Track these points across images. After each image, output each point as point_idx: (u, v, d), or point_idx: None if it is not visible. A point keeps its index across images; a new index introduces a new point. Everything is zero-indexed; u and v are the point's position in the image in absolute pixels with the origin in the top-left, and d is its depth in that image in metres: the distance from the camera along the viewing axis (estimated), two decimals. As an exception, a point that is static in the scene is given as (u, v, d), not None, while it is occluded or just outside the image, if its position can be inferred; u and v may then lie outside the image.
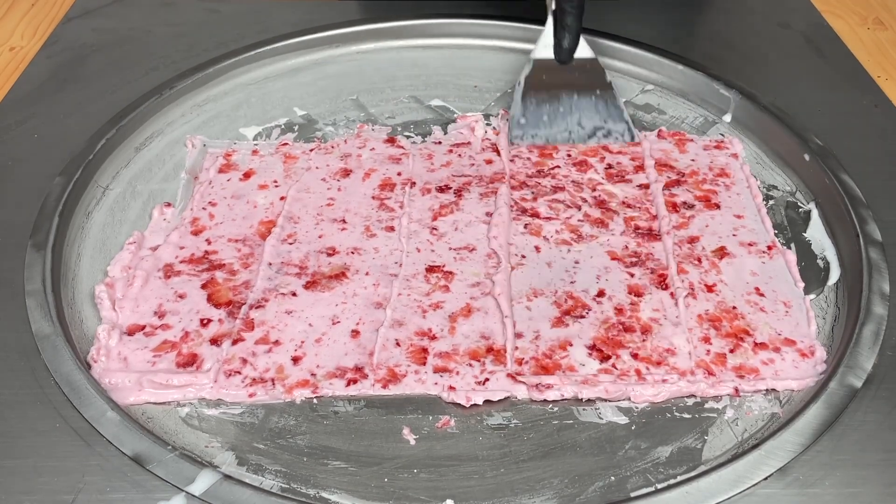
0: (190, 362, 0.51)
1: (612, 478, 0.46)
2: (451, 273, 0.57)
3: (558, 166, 0.66)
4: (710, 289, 0.56)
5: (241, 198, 0.63)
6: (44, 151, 0.65)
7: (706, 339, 0.53)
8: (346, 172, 0.66)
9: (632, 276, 0.57)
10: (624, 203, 0.63)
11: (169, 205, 0.63)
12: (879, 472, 0.45)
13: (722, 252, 0.59)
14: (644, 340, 0.53)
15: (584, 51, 0.66)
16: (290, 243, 0.60)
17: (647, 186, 0.64)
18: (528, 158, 0.67)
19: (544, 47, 0.66)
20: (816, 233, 0.61)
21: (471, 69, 0.77)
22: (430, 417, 0.49)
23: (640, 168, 0.66)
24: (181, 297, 0.55)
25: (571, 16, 0.64)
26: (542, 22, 0.66)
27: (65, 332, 0.51)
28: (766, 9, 0.85)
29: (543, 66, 0.67)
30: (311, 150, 0.68)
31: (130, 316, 0.54)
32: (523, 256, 0.59)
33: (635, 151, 0.67)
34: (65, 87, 0.73)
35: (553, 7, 0.65)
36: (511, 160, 0.66)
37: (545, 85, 0.67)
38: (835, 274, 0.57)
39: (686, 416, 0.49)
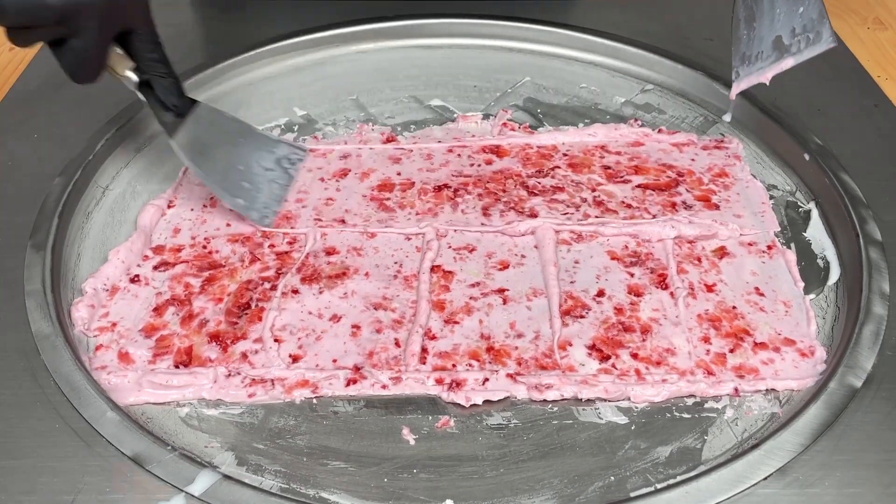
0: (189, 362, 0.51)
1: (612, 478, 0.46)
2: (450, 273, 0.57)
3: (558, 166, 0.66)
4: (709, 289, 0.56)
5: (241, 198, 0.63)
6: (44, 151, 0.65)
7: (706, 339, 0.53)
8: (345, 172, 0.66)
9: (631, 275, 0.57)
10: (623, 203, 0.63)
11: (171, 204, 0.63)
12: (879, 472, 0.45)
13: (722, 252, 0.59)
14: (644, 340, 0.53)
15: None
16: (290, 243, 0.60)
17: (646, 186, 0.64)
18: (529, 158, 0.67)
19: None
20: (816, 232, 0.61)
21: (471, 69, 0.77)
22: (430, 417, 0.49)
23: (639, 168, 0.66)
24: (182, 297, 0.55)
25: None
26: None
27: (65, 332, 0.51)
28: (766, 8, 0.85)
29: None
30: (311, 151, 0.68)
31: (128, 311, 0.54)
32: (523, 256, 0.59)
33: (635, 152, 0.67)
34: (65, 87, 0.73)
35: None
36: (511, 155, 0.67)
37: None
38: (835, 274, 0.57)
39: (686, 416, 0.49)
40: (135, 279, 0.57)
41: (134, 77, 0.56)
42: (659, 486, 0.45)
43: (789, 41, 0.57)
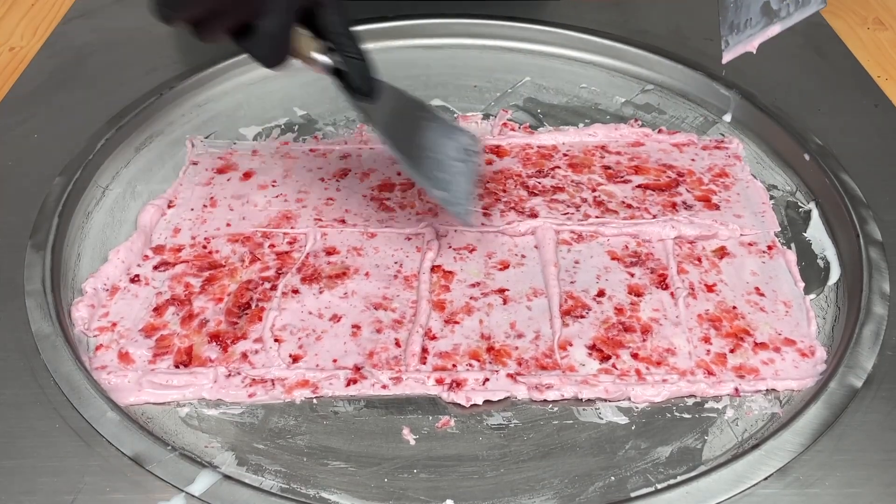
0: (189, 362, 0.51)
1: (612, 478, 0.46)
2: (451, 273, 0.57)
3: (558, 167, 0.66)
4: (710, 289, 0.56)
5: (241, 198, 0.63)
6: (44, 151, 0.65)
7: (706, 339, 0.53)
8: (345, 172, 0.66)
9: (632, 275, 0.57)
10: (624, 203, 0.63)
11: (171, 204, 0.63)
12: (879, 472, 0.45)
13: (722, 252, 0.59)
14: (644, 340, 0.53)
15: None
16: (290, 243, 0.60)
17: (646, 186, 0.64)
18: (529, 158, 0.67)
19: None
20: (816, 232, 0.61)
21: (471, 69, 0.77)
22: (430, 417, 0.49)
23: (639, 168, 0.66)
24: (182, 297, 0.55)
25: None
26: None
27: (65, 332, 0.51)
28: (766, 9, 0.85)
29: None
30: (311, 151, 0.68)
31: (128, 310, 0.54)
32: (523, 256, 0.59)
33: (636, 152, 0.67)
34: (65, 87, 0.73)
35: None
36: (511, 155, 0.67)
37: None
38: (835, 274, 0.57)
39: (686, 416, 0.49)
40: (135, 279, 0.57)
41: (324, 59, 0.51)
42: (659, 486, 0.45)
43: (777, 6, 0.56)
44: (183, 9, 0.46)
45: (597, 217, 0.61)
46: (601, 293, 0.56)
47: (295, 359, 0.52)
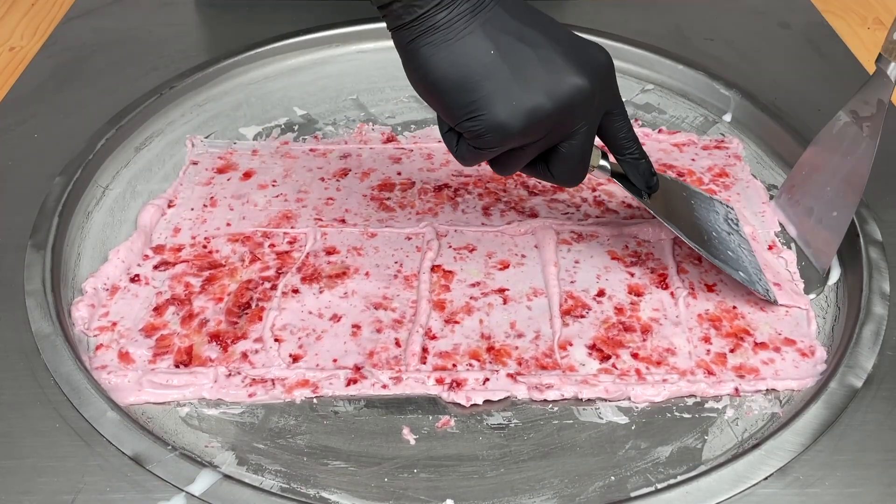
0: (190, 361, 0.51)
1: (612, 478, 0.46)
2: (451, 272, 0.57)
3: (558, 166, 0.66)
4: (710, 288, 0.56)
5: (241, 197, 0.63)
6: (44, 151, 0.65)
7: (706, 339, 0.53)
8: (345, 172, 0.66)
9: (632, 275, 0.57)
10: (624, 203, 0.63)
11: (171, 204, 0.63)
12: (879, 472, 0.45)
13: (722, 252, 0.59)
14: (644, 340, 0.53)
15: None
16: (290, 243, 0.60)
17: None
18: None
19: None
20: (816, 232, 0.61)
21: (471, 69, 0.77)
22: (430, 417, 0.49)
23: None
24: (182, 296, 0.55)
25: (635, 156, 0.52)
26: None
27: (65, 332, 0.51)
28: (766, 9, 0.85)
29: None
30: (311, 151, 0.68)
31: (128, 310, 0.54)
32: (523, 256, 0.59)
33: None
34: (65, 87, 0.73)
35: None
36: None
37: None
38: (835, 274, 0.57)
39: (686, 415, 0.49)
40: (135, 279, 0.57)
41: (608, 165, 0.52)
42: (659, 485, 0.45)
43: (816, 219, 0.58)
44: (512, 165, 0.47)
45: (597, 217, 0.61)
46: (601, 293, 0.56)
47: (295, 358, 0.52)
